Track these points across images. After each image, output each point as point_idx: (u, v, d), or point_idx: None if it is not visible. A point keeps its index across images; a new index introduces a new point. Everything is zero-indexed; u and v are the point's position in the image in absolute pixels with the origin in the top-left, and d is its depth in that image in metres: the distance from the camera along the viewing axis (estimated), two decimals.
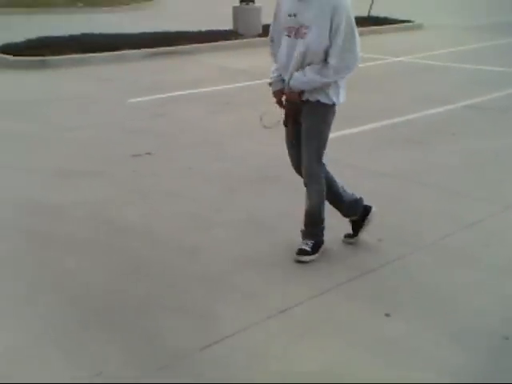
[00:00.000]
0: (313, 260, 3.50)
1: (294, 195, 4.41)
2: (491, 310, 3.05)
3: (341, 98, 3.43)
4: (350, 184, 4.69)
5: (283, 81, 3.42)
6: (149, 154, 5.38)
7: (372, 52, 10.69)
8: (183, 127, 6.31)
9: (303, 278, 3.33)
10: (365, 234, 3.79)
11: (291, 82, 3.33)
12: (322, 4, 3.17)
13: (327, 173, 3.59)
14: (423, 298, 3.15)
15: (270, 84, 3.49)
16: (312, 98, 3.35)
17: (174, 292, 3.19)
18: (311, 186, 3.50)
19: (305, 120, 3.41)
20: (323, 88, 3.30)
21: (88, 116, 6.68)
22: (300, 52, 3.25)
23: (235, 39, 11.42)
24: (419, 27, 14.05)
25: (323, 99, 3.35)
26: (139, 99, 7.35)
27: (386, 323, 2.92)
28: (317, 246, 3.54)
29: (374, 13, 14.25)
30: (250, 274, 3.37)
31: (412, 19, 14.39)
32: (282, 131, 3.61)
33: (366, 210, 3.74)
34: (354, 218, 3.73)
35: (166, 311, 3.00)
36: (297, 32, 3.24)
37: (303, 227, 3.59)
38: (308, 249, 3.50)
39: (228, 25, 12.16)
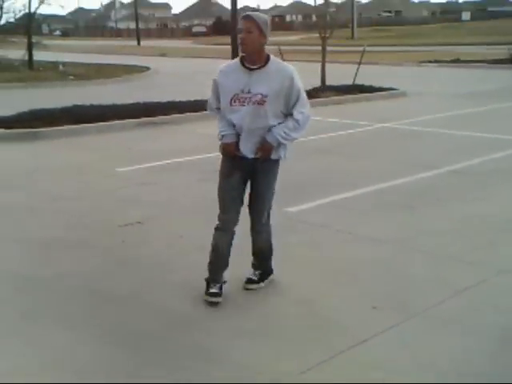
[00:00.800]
0: (261, 287, 3.94)
1: (284, 262, 4.40)
2: (492, 378, 2.98)
3: (289, 153, 3.84)
4: (340, 250, 4.73)
5: (238, 135, 3.70)
6: (138, 223, 5.37)
7: (358, 119, 10.97)
8: (173, 195, 6.34)
9: (298, 349, 3.26)
10: (359, 302, 3.77)
11: (270, 136, 3.63)
12: (277, 75, 3.58)
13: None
14: (421, 367, 3.08)
15: (222, 137, 3.77)
16: (275, 156, 3.71)
17: (167, 365, 3.10)
18: (265, 228, 3.93)
19: (262, 175, 3.78)
20: (282, 146, 3.70)
21: (77, 186, 6.69)
22: (262, 117, 3.60)
23: None
24: (403, 95, 14.45)
25: (283, 155, 3.76)
26: (129, 168, 7.41)
27: None
28: (265, 275, 4.02)
29: (358, 81, 14.70)
30: (244, 344, 3.30)
31: (395, 87, 14.83)
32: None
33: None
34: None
35: None
36: (251, 101, 3.58)
37: (255, 262, 4.01)
38: (255, 278, 3.98)
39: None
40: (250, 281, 3.99)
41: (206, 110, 4.15)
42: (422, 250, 4.70)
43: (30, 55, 20.53)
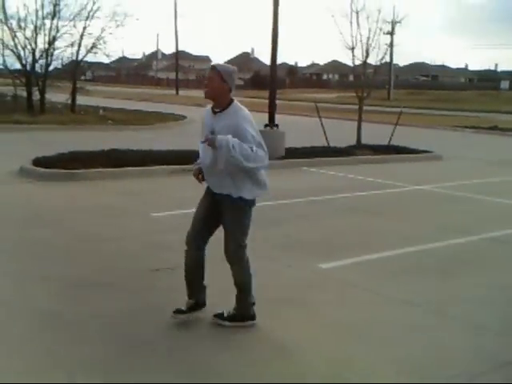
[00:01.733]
0: (224, 325, 4.07)
1: (310, 321, 4.31)
2: None
3: (254, 193, 4.04)
4: (369, 311, 4.60)
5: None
6: (169, 268, 5.34)
7: (393, 179, 10.91)
8: None
9: None
10: (390, 367, 3.63)
11: (219, 137, 3.85)
12: (230, 117, 3.95)
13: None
14: None
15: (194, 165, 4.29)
16: (236, 194, 3.95)
17: None
18: (234, 263, 4.13)
19: (226, 210, 4.04)
20: (242, 185, 3.95)
21: (111, 228, 6.74)
22: (213, 154, 3.90)
23: None
24: (438, 158, 14.36)
25: (246, 195, 3.97)
26: (163, 213, 7.45)
27: None
28: (235, 318, 4.12)
29: (393, 142, 14.71)
30: None
31: (430, 150, 14.78)
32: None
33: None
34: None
35: None
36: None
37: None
38: (225, 314, 4.14)
39: None
40: (217, 315, 4.17)
41: None
42: (456, 317, 4.54)
43: (73, 99, 21.21)
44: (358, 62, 14.53)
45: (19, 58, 19.99)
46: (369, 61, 14.57)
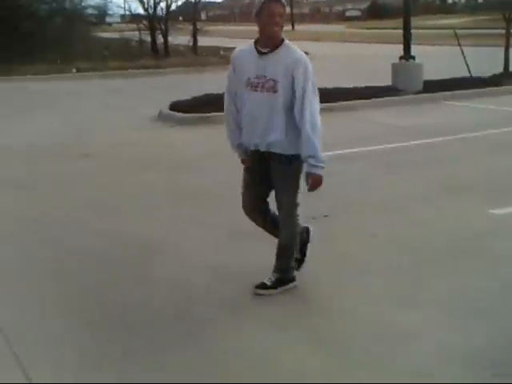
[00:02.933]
0: (270, 294, 3.59)
1: (486, 268, 3.88)
2: None
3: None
4: None
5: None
6: (325, 216, 5.07)
7: None
8: (356, 188, 5.97)
9: None
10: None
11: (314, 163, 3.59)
12: (284, 59, 3.40)
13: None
14: None
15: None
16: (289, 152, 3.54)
17: None
18: (284, 226, 3.69)
19: (279, 172, 3.63)
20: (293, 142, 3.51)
21: None
22: (274, 105, 3.42)
23: (395, 96, 11.04)
24: None
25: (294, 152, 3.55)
26: None
27: None
28: (280, 282, 3.66)
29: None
30: None
31: None
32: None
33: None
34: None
35: None
36: (264, 86, 3.42)
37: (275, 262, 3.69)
38: (268, 283, 3.64)
39: (380, 81, 11.82)
40: (261, 285, 3.66)
41: (376, 96, 3.80)
42: None
43: (195, 41, 21.27)
44: None
45: (141, 1, 20.26)
46: None
